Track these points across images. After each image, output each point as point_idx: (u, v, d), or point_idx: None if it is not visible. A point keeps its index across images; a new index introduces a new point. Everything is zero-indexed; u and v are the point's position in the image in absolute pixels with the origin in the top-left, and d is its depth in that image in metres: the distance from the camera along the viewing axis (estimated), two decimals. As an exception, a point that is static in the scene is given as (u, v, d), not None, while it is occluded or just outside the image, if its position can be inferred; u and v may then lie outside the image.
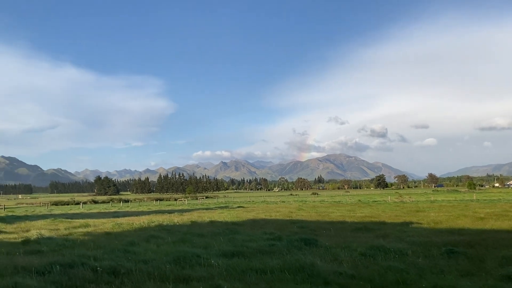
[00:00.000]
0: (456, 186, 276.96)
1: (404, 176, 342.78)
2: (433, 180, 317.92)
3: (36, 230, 22.29)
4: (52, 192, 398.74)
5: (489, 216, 26.70)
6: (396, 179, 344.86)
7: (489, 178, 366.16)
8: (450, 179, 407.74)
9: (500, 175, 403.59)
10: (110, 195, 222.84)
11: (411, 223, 24.09)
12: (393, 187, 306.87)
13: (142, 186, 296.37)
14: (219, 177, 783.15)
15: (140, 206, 73.27)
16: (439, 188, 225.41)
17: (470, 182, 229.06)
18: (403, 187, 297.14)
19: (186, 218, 30.62)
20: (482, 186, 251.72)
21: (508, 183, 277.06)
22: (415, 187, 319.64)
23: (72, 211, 52.66)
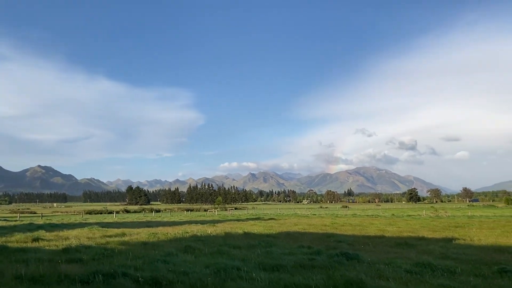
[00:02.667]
0: (492, 201, 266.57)
1: (437, 190, 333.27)
2: (467, 194, 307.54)
3: (75, 238, 22.63)
4: (85, 201, 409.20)
5: (537, 234, 25.32)
6: (429, 193, 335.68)
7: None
8: (485, 193, 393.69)
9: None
10: (141, 204, 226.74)
11: (453, 239, 23.08)
12: (425, 201, 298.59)
13: (172, 196, 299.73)
14: (247, 188, 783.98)
15: (172, 216, 73.79)
16: (474, 203, 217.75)
17: (508, 198, 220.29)
18: (436, 201, 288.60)
19: (219, 229, 30.46)
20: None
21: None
22: (448, 201, 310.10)
23: (106, 220, 53.53)
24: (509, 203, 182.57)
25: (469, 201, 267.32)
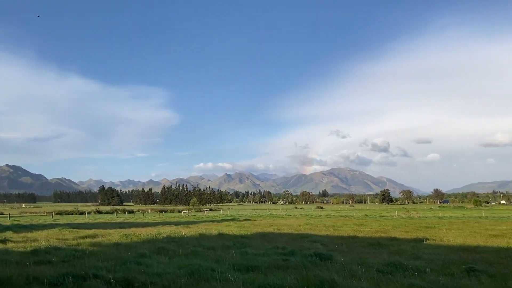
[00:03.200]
0: (462, 202, 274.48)
1: (409, 191, 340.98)
2: (438, 196, 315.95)
3: (44, 239, 22.06)
4: (55, 202, 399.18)
5: (503, 234, 26.20)
6: (401, 194, 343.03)
7: (495, 195, 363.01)
8: (455, 195, 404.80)
9: (506, 191, 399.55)
10: (113, 205, 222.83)
11: (424, 239, 23.62)
12: (398, 202, 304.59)
13: (145, 197, 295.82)
14: (223, 189, 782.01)
15: (145, 217, 72.89)
16: (444, 204, 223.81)
17: (476, 199, 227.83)
18: (408, 202, 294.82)
19: (193, 230, 30.26)
20: (488, 202, 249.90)
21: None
22: (420, 202, 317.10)
23: (77, 221, 52.44)
24: (477, 205, 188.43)
25: (440, 202, 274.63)
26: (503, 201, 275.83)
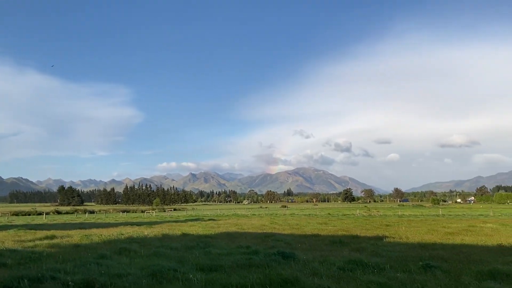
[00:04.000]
0: (421, 201, 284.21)
1: (370, 190, 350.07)
2: (398, 194, 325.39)
3: (-1, 241, 21.16)
4: (11, 202, 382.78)
5: (458, 231, 27.40)
6: (363, 193, 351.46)
7: (452, 194, 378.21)
8: (414, 194, 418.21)
9: (462, 191, 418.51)
10: (74, 205, 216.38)
11: (384, 237, 24.34)
12: (359, 201, 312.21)
13: (107, 197, 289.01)
14: (187, 189, 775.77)
15: (107, 217, 71.22)
16: (404, 203, 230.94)
17: (434, 198, 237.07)
18: (370, 201, 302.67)
19: (156, 230, 29.87)
20: (445, 201, 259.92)
21: (469, 199, 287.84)
22: (381, 201, 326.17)
23: (35, 222, 50.61)
24: (435, 203, 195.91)
25: (400, 201, 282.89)
26: (458, 200, 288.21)
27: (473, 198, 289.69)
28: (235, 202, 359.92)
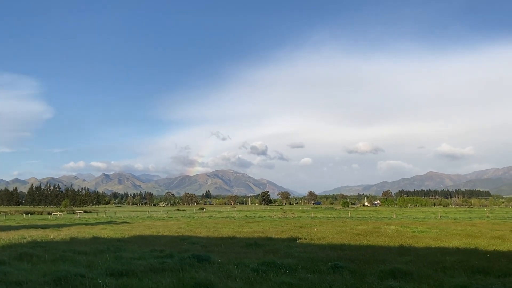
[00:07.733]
0: (332, 203, 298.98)
1: (286, 193, 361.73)
2: (312, 197, 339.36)
3: None
4: None
5: (364, 233, 29.25)
6: (280, 195, 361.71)
7: (360, 197, 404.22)
8: (327, 197, 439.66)
9: (369, 194, 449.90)
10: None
11: (297, 238, 25.20)
12: (276, 203, 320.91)
13: (9, 197, 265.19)
14: (100, 190, 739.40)
15: (7, 220, 65.35)
16: (317, 205, 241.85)
17: (344, 201, 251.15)
18: (286, 204, 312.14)
19: (64, 233, 28.02)
20: (354, 204, 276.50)
21: (376, 202, 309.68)
22: (296, 203, 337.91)
23: None
24: (345, 206, 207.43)
25: (313, 203, 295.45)
26: (366, 203, 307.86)
27: (378, 201, 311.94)
28: (151, 205, 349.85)
